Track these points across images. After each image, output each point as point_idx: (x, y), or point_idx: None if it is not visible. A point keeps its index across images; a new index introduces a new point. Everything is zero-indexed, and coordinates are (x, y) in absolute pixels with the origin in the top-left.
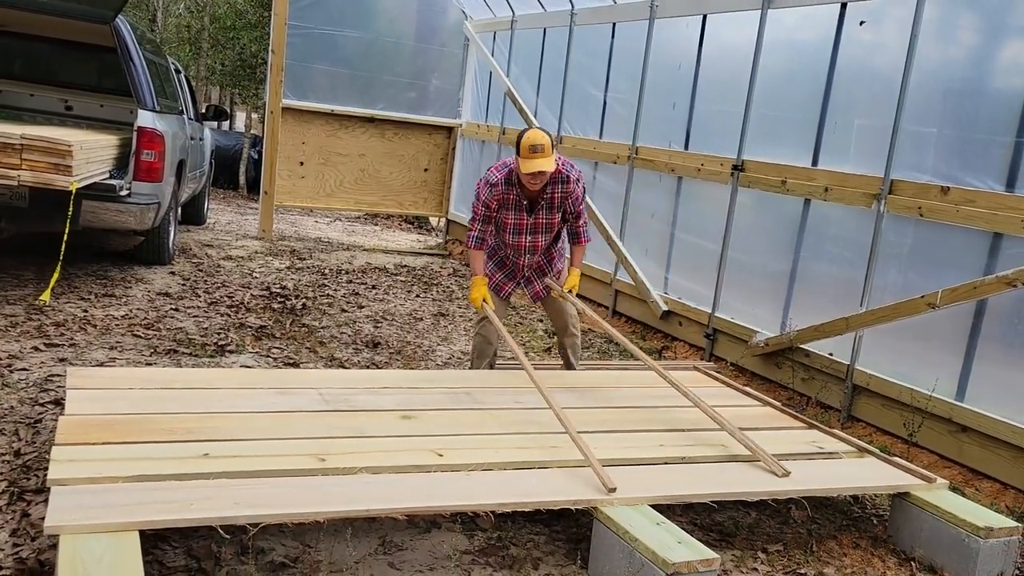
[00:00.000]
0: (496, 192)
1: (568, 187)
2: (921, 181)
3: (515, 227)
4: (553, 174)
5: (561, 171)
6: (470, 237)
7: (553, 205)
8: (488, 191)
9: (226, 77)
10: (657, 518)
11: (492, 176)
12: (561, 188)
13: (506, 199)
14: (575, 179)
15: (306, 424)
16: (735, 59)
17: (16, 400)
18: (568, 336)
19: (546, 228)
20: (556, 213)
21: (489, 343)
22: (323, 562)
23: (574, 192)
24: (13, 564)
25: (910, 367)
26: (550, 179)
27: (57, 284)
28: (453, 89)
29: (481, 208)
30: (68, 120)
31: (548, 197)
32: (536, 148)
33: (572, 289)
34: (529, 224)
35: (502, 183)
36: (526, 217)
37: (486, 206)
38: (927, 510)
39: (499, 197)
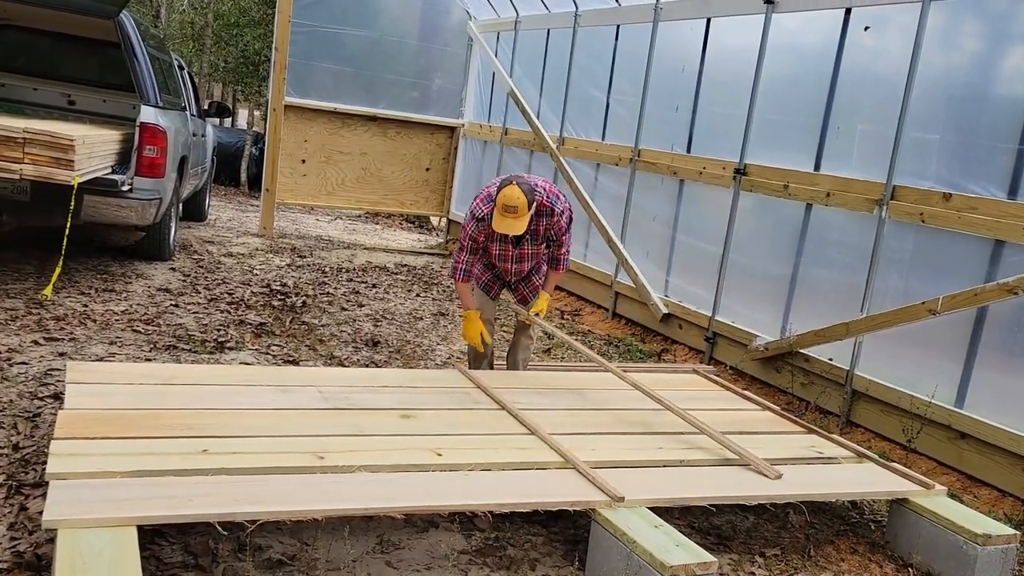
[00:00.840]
0: (483, 227)
1: (552, 219)
2: (923, 187)
3: (500, 255)
4: (539, 207)
5: (545, 205)
6: (457, 270)
7: (538, 237)
8: (475, 226)
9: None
10: (655, 521)
11: (479, 210)
12: (546, 221)
13: (491, 232)
14: (559, 211)
15: (305, 422)
16: (738, 63)
17: (15, 394)
18: (523, 350)
19: (531, 256)
20: (541, 244)
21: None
22: (320, 560)
23: (558, 223)
24: (11, 558)
25: (910, 373)
26: (535, 212)
27: (58, 279)
28: (456, 89)
29: (468, 241)
30: (71, 115)
31: (532, 230)
32: (508, 209)
33: (539, 313)
34: (514, 255)
35: (488, 218)
36: (511, 249)
37: (473, 239)
38: (925, 516)
39: (486, 231)
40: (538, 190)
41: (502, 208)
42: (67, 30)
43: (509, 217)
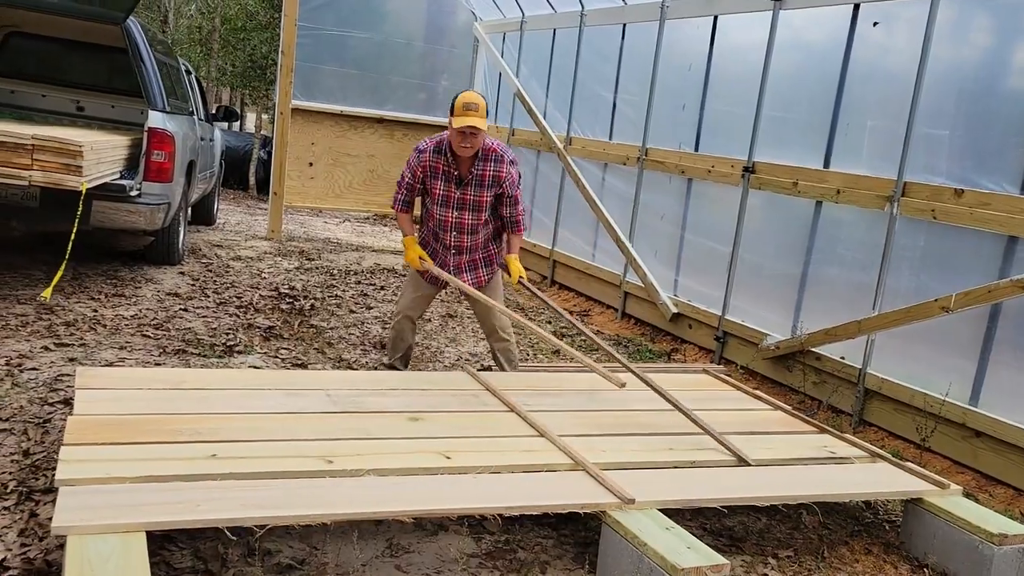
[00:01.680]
0: (423, 159)
1: (501, 167)
2: (935, 183)
3: (443, 198)
4: (487, 151)
5: (496, 149)
6: (395, 200)
7: (483, 183)
8: (416, 157)
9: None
10: (666, 523)
11: (421, 144)
12: (493, 166)
13: (434, 168)
14: (509, 160)
15: (313, 425)
16: (746, 60)
17: (26, 400)
18: (498, 340)
19: (474, 205)
20: (486, 192)
21: (402, 338)
22: (330, 564)
23: (509, 175)
24: (20, 564)
25: (923, 371)
26: (482, 155)
27: (68, 283)
28: (462, 90)
29: (407, 174)
30: (79, 121)
31: (479, 173)
32: (470, 106)
33: (522, 277)
34: (456, 198)
35: (431, 150)
36: (454, 190)
37: (412, 172)
38: (940, 516)
39: (426, 164)
40: (488, 138)
41: (462, 106)
42: (75, 36)
43: (471, 115)
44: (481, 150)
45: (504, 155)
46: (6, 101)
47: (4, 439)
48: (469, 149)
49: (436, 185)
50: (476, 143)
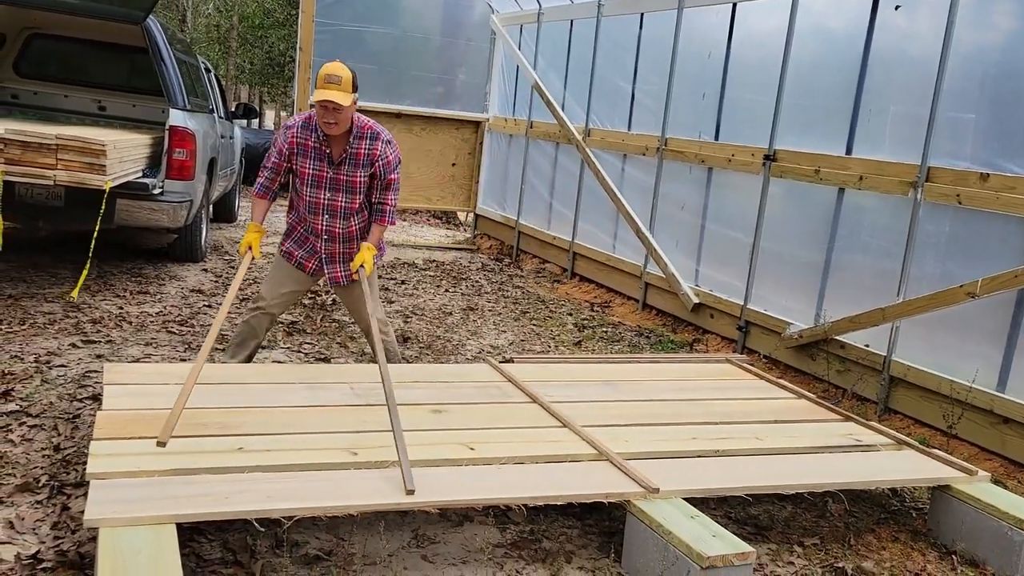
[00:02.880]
0: (290, 135)
1: (376, 144)
2: (959, 168)
3: (313, 178)
4: (362, 128)
5: (372, 127)
6: (256, 184)
7: (357, 162)
8: (283, 134)
9: (255, 76)
10: (691, 511)
11: (290, 120)
12: (368, 145)
13: (303, 145)
14: (386, 140)
15: (338, 418)
16: (766, 47)
17: (55, 396)
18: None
19: (347, 187)
20: (360, 171)
21: (254, 335)
22: (357, 555)
23: (384, 154)
24: (54, 556)
25: (949, 358)
26: (357, 132)
27: (93, 282)
28: (480, 83)
29: (274, 154)
30: (101, 120)
31: (353, 152)
32: (331, 78)
33: (364, 265)
34: (329, 178)
35: (298, 126)
36: (326, 169)
37: (278, 152)
38: (968, 503)
39: (293, 141)
40: (364, 117)
41: (323, 79)
42: (96, 37)
43: (331, 88)
44: (356, 127)
45: (380, 133)
46: (30, 102)
47: (35, 434)
48: (334, 126)
49: (306, 164)
50: (341, 119)
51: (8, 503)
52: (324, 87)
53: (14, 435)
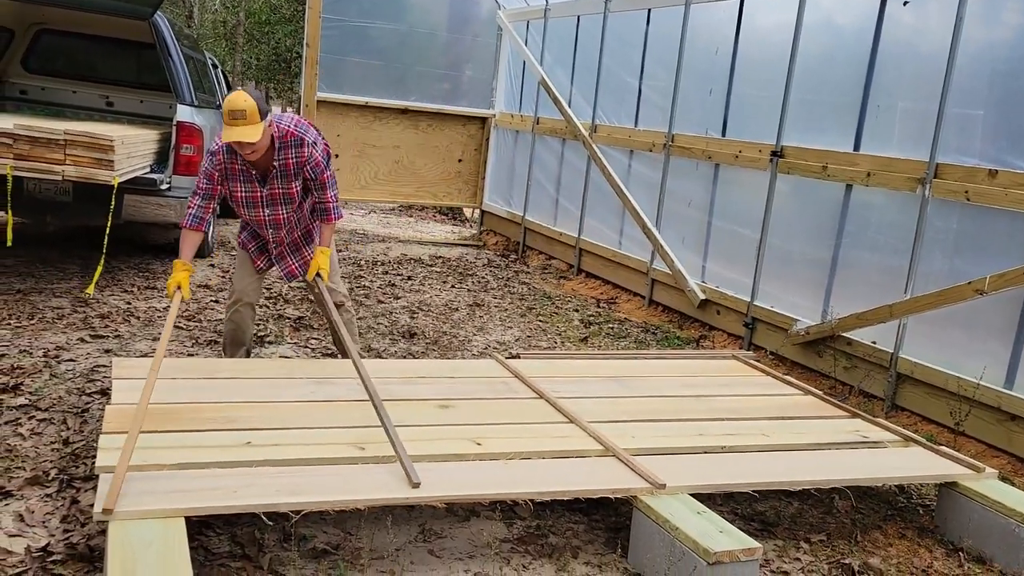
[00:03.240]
0: (216, 161)
1: (302, 151)
2: (968, 164)
3: (247, 200)
4: (283, 137)
5: (293, 133)
6: (187, 215)
7: (288, 173)
8: (209, 160)
9: (261, 72)
10: (698, 507)
11: (212, 145)
12: (295, 152)
13: (230, 169)
14: (311, 142)
15: (345, 413)
16: (774, 43)
17: (64, 390)
18: (343, 313)
19: (285, 199)
20: (293, 182)
21: (242, 330)
22: (364, 549)
23: (311, 157)
24: (64, 549)
25: (956, 355)
26: (280, 144)
27: (101, 277)
28: (486, 79)
29: (203, 181)
30: (109, 116)
31: (281, 165)
32: (235, 115)
33: (320, 272)
34: (264, 196)
35: (223, 151)
36: (258, 188)
37: (207, 177)
38: (975, 500)
39: (220, 167)
40: (283, 120)
41: (227, 115)
42: (103, 32)
43: (238, 125)
44: (278, 140)
45: (304, 136)
46: (38, 98)
47: (44, 428)
48: (254, 154)
49: (237, 187)
50: (259, 147)
51: (18, 496)
52: (229, 125)
53: (23, 429)
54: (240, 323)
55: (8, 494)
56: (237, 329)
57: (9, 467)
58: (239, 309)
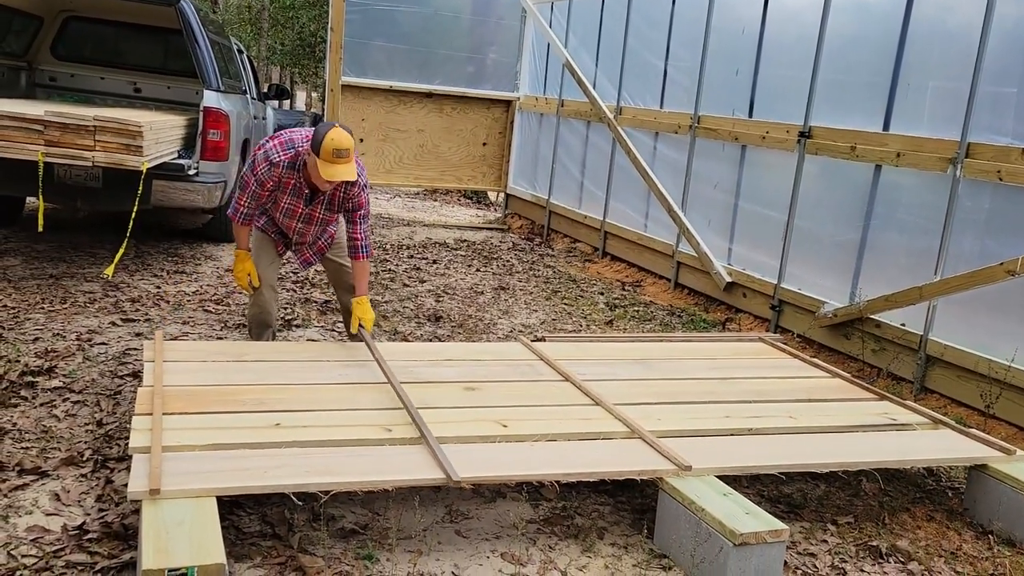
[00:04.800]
0: (275, 173)
1: (353, 190)
2: (1001, 144)
3: (287, 210)
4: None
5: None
6: (237, 212)
7: (333, 203)
8: (267, 170)
9: (286, 56)
10: (724, 489)
11: (275, 154)
12: (344, 189)
13: (285, 183)
14: (363, 184)
15: (372, 396)
16: (801, 22)
17: (96, 373)
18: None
19: (320, 223)
20: (335, 213)
21: (267, 312)
22: (392, 529)
23: (358, 199)
24: (99, 527)
25: (987, 337)
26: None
27: (131, 262)
28: (511, 62)
29: (254, 184)
30: (137, 102)
31: (329, 195)
32: (341, 153)
33: (363, 323)
34: (303, 213)
35: (284, 165)
36: (302, 206)
37: (260, 184)
38: (1006, 482)
39: (277, 179)
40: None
41: (333, 154)
42: (130, 19)
43: (341, 163)
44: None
45: (359, 178)
46: (67, 84)
47: (78, 410)
48: (330, 185)
49: (283, 198)
50: (353, 176)
51: (54, 476)
52: (335, 163)
53: (58, 411)
54: (264, 306)
55: (44, 474)
56: (262, 312)
57: (45, 448)
58: (263, 292)
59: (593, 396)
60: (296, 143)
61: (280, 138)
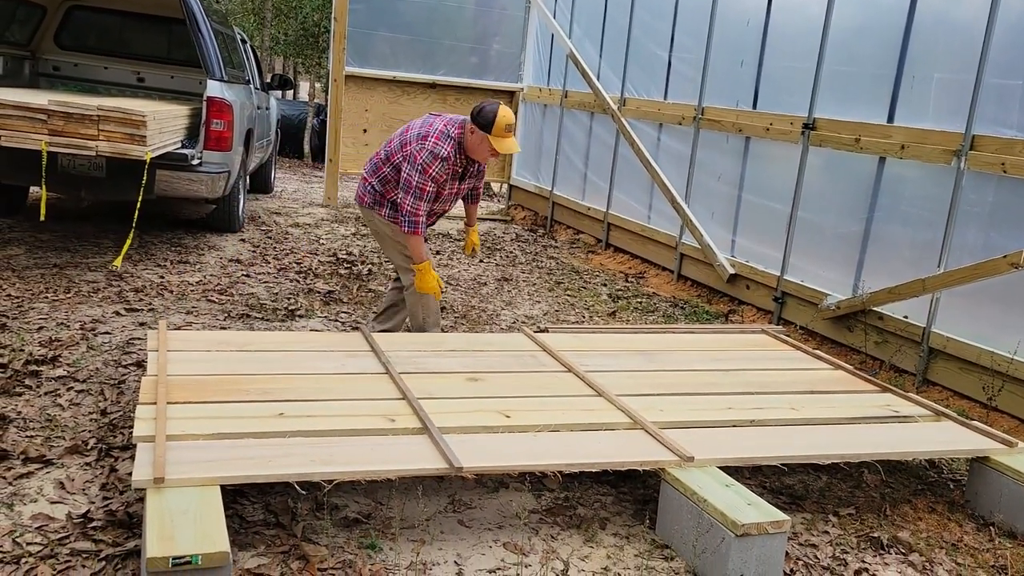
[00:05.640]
0: (448, 165)
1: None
2: (1005, 136)
3: (447, 196)
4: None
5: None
6: (414, 223)
7: (468, 175)
8: (441, 166)
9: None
10: (726, 480)
11: (440, 149)
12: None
13: (454, 170)
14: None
15: (375, 386)
16: (806, 13)
17: (101, 362)
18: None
19: (456, 196)
20: (468, 182)
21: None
22: (395, 519)
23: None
24: (104, 516)
25: (990, 329)
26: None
27: (135, 252)
28: (514, 53)
29: (431, 185)
30: (140, 92)
31: (472, 168)
32: (510, 128)
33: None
34: (455, 191)
35: (454, 156)
36: (457, 184)
37: (435, 182)
38: (1007, 475)
39: (451, 169)
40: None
41: (504, 128)
42: (134, 8)
43: (510, 136)
44: None
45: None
46: (70, 74)
47: (83, 399)
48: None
49: (447, 185)
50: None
51: (59, 464)
52: (503, 137)
53: (63, 400)
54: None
55: (49, 462)
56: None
57: (50, 436)
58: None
59: (596, 387)
60: (448, 131)
61: (433, 134)
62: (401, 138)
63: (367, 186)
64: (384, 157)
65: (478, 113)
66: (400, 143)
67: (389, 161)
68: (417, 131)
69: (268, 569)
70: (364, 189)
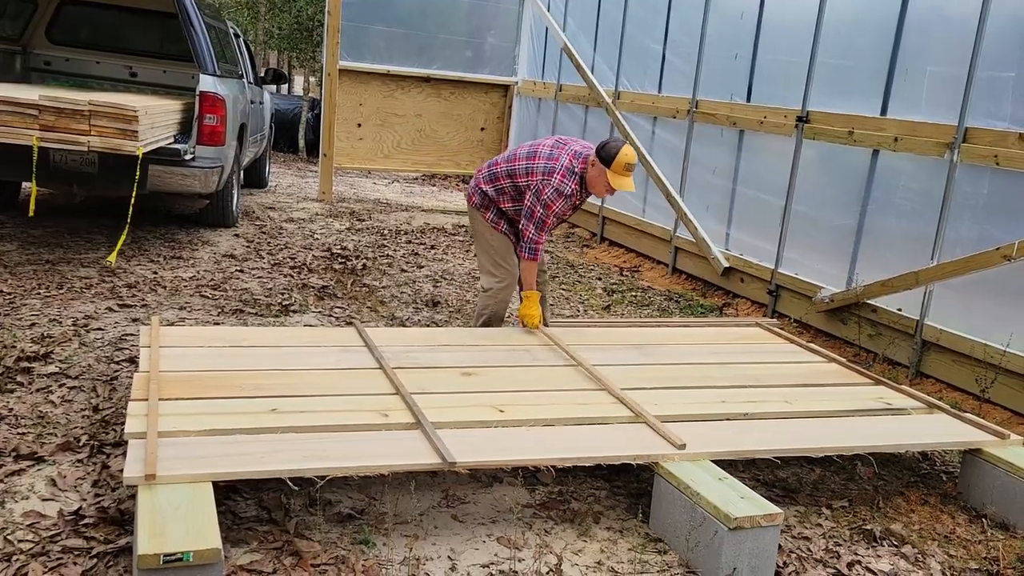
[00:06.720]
0: (571, 202)
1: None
2: (998, 128)
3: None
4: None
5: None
6: (534, 251)
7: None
8: (564, 203)
9: (283, 41)
10: (719, 473)
11: (566, 187)
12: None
13: (574, 203)
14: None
15: (369, 381)
16: (800, 6)
17: (93, 358)
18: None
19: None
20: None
21: (507, 305)
22: (388, 514)
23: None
24: (95, 513)
25: (983, 322)
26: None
27: (127, 247)
28: (509, 46)
29: (552, 220)
30: (133, 86)
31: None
32: (630, 167)
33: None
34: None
35: (577, 192)
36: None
37: (558, 217)
38: (1000, 466)
39: (574, 201)
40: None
41: (624, 167)
42: (126, 3)
43: (629, 175)
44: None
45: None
46: (62, 68)
47: (75, 396)
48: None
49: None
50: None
51: (50, 461)
52: (625, 175)
53: (54, 396)
54: (507, 300)
55: (41, 459)
56: (502, 304)
57: (41, 433)
58: (507, 288)
59: (591, 380)
60: (573, 167)
61: (558, 170)
62: (528, 163)
63: (480, 190)
64: (506, 173)
65: (603, 147)
66: (526, 169)
67: (511, 179)
68: (545, 164)
69: (261, 565)
70: (475, 191)
